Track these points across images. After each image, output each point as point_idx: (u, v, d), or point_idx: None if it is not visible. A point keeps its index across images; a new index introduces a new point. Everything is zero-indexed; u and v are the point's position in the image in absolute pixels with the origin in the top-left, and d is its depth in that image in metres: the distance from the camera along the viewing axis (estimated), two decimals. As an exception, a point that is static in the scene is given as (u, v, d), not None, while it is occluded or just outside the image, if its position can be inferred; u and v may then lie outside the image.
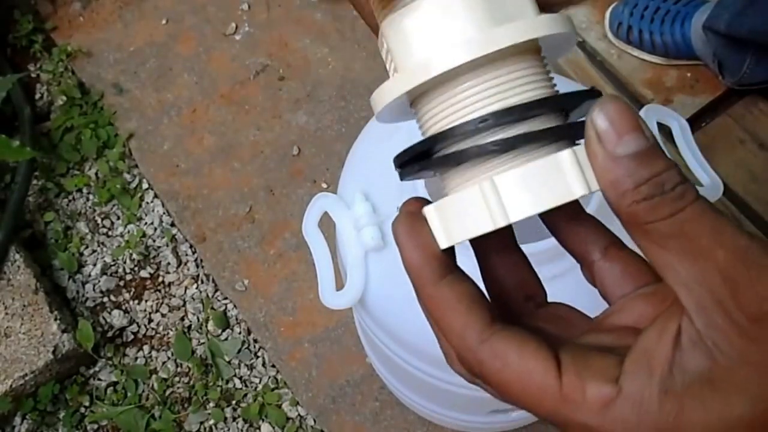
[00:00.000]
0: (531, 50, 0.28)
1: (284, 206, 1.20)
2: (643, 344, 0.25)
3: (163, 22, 1.38)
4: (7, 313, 1.10)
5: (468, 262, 0.30)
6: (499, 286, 0.31)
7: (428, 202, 0.29)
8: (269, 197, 1.21)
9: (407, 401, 0.98)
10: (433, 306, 0.27)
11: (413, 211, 0.28)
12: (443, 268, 0.27)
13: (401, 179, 0.31)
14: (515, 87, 0.27)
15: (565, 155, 0.25)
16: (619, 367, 0.25)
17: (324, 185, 1.21)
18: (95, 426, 1.12)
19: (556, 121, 0.28)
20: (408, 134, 0.69)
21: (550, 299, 0.32)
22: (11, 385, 1.07)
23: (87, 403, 1.13)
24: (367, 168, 0.68)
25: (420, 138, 0.29)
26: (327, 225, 0.65)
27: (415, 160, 0.29)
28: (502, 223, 0.26)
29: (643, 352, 0.24)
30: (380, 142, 0.68)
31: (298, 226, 1.17)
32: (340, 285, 0.64)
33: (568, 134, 0.27)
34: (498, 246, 0.31)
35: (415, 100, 0.29)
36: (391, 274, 0.63)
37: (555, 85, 0.29)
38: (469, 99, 0.27)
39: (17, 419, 1.12)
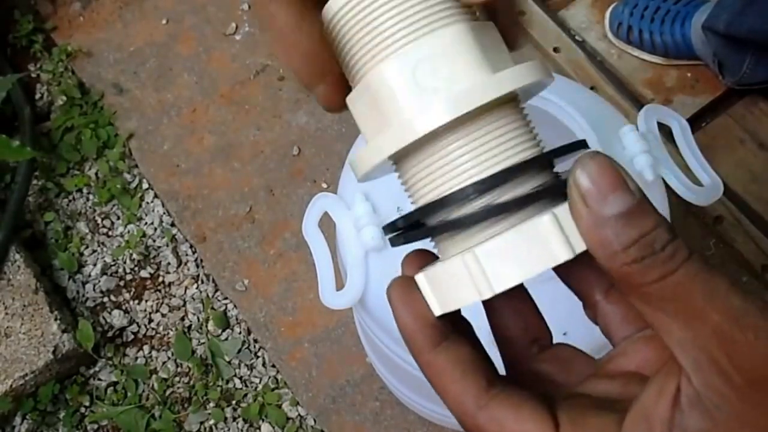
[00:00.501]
0: (512, 100, 0.28)
1: (284, 206, 1.20)
2: (642, 403, 0.25)
3: (164, 22, 1.38)
4: (7, 313, 1.10)
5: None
6: (504, 331, 0.32)
7: (427, 254, 0.29)
8: (269, 197, 1.21)
9: (407, 401, 0.98)
10: (430, 372, 0.28)
11: (407, 277, 0.29)
12: (438, 334, 0.27)
13: (392, 246, 0.31)
14: (501, 146, 0.27)
15: (546, 220, 0.25)
16: (618, 426, 0.25)
17: (324, 185, 1.21)
18: (95, 426, 1.12)
19: (543, 177, 0.28)
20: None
21: (548, 300, 0.32)
22: (11, 385, 1.07)
23: (87, 403, 1.13)
24: (368, 168, 0.68)
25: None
26: (327, 225, 0.65)
27: (402, 231, 0.29)
28: (487, 295, 0.26)
29: (642, 412, 0.24)
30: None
31: (298, 226, 1.17)
32: (340, 285, 0.64)
33: (554, 193, 0.27)
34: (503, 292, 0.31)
35: (397, 159, 0.29)
36: (391, 274, 0.62)
37: (537, 135, 0.29)
38: (455, 163, 0.27)
39: (17, 419, 1.12)
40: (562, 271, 0.30)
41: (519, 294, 0.31)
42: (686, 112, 1.18)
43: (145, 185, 1.26)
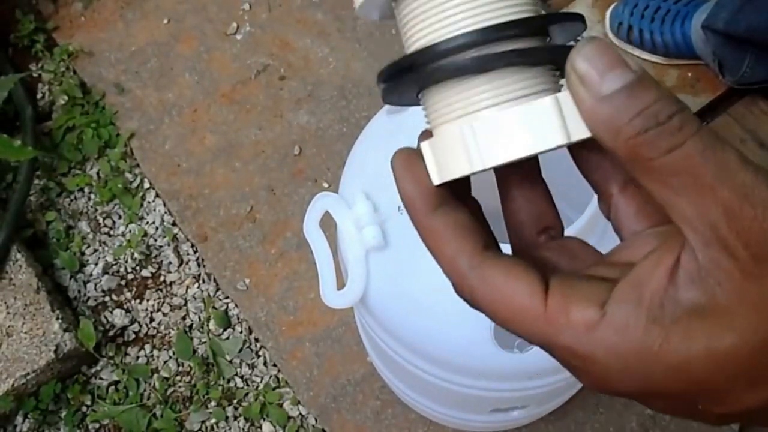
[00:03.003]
0: None
1: (285, 206, 1.21)
2: (636, 273, 0.24)
3: (165, 21, 1.38)
4: (9, 313, 1.10)
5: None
6: (515, 216, 0.32)
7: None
8: (270, 197, 1.21)
9: (408, 400, 0.98)
10: (426, 236, 0.28)
11: (410, 148, 0.29)
12: (436, 199, 0.28)
13: (383, 100, 0.31)
14: (501, 3, 0.27)
15: (547, 101, 0.25)
16: (608, 293, 0.25)
17: (325, 185, 1.22)
18: (97, 425, 1.12)
19: (539, 42, 0.28)
20: (411, 134, 0.69)
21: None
22: (13, 384, 1.07)
23: (88, 402, 1.13)
24: (368, 167, 0.68)
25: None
26: (328, 224, 0.65)
27: (396, 75, 0.29)
28: (478, 168, 0.26)
29: (635, 281, 0.24)
30: (381, 142, 0.69)
31: (299, 225, 1.17)
32: (341, 284, 0.64)
33: (550, 59, 0.27)
34: (519, 176, 0.31)
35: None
36: (392, 273, 0.63)
37: (540, 9, 0.29)
38: (452, 11, 0.27)
39: (19, 418, 1.12)
40: (580, 161, 0.30)
41: (534, 182, 0.31)
42: (687, 111, 1.18)
43: (146, 185, 1.26)
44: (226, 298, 1.17)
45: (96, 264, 1.22)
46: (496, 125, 0.26)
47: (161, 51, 1.35)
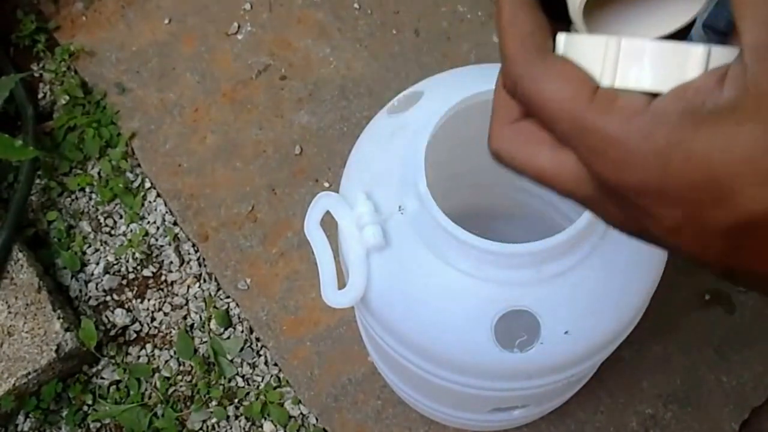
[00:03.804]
0: None
1: (286, 205, 1.21)
2: (689, 79, 0.27)
3: (166, 21, 1.38)
4: (10, 312, 1.11)
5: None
6: None
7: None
8: (271, 196, 1.22)
9: (409, 400, 0.98)
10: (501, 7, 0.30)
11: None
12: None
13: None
14: None
15: (700, 51, 0.26)
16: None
17: (326, 184, 1.22)
18: (98, 424, 1.12)
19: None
20: (412, 134, 0.69)
21: (551, 301, 0.32)
22: (14, 384, 1.07)
23: (90, 402, 1.13)
24: (369, 167, 0.68)
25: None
26: (329, 224, 0.65)
27: None
28: (606, 83, 0.28)
29: (685, 84, 0.26)
30: (382, 142, 0.69)
31: (300, 225, 1.17)
32: (342, 284, 0.64)
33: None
34: None
35: None
36: (393, 273, 0.63)
37: None
38: None
39: (20, 417, 1.12)
40: None
41: None
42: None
43: (147, 184, 1.26)
44: (227, 297, 1.17)
45: (97, 263, 1.22)
46: (643, 53, 0.27)
47: (162, 51, 1.35)
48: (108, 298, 1.20)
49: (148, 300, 1.19)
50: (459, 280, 0.60)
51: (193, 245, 1.21)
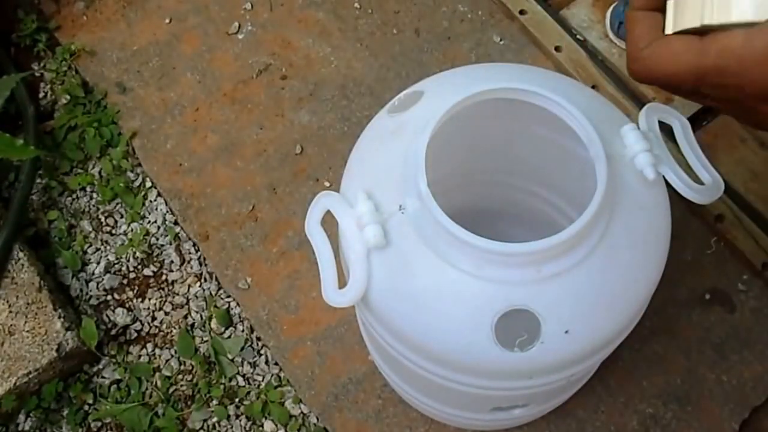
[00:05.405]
0: None
1: (287, 205, 1.21)
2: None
3: (167, 21, 1.38)
4: (11, 311, 1.11)
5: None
6: None
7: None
8: (272, 196, 1.22)
9: (410, 399, 0.98)
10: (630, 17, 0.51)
11: None
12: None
13: None
14: None
15: None
16: (700, 42, 0.44)
17: (327, 184, 1.22)
18: (99, 424, 1.12)
19: None
20: (412, 133, 0.69)
21: (551, 300, 0.33)
22: (15, 383, 1.07)
23: (90, 401, 1.13)
24: (370, 166, 0.69)
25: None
26: (330, 223, 0.65)
27: None
28: (707, 21, 0.42)
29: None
30: (383, 141, 0.69)
31: (300, 224, 1.17)
32: (342, 283, 0.65)
33: None
34: None
35: None
36: (393, 272, 0.63)
37: None
38: None
39: (21, 417, 1.12)
40: None
41: None
42: (687, 110, 1.19)
43: (148, 184, 1.26)
44: (228, 296, 1.17)
45: (98, 263, 1.22)
46: None
47: (163, 50, 1.36)
48: (109, 297, 1.20)
49: (149, 299, 1.19)
50: (460, 279, 0.60)
51: (194, 244, 1.21)
